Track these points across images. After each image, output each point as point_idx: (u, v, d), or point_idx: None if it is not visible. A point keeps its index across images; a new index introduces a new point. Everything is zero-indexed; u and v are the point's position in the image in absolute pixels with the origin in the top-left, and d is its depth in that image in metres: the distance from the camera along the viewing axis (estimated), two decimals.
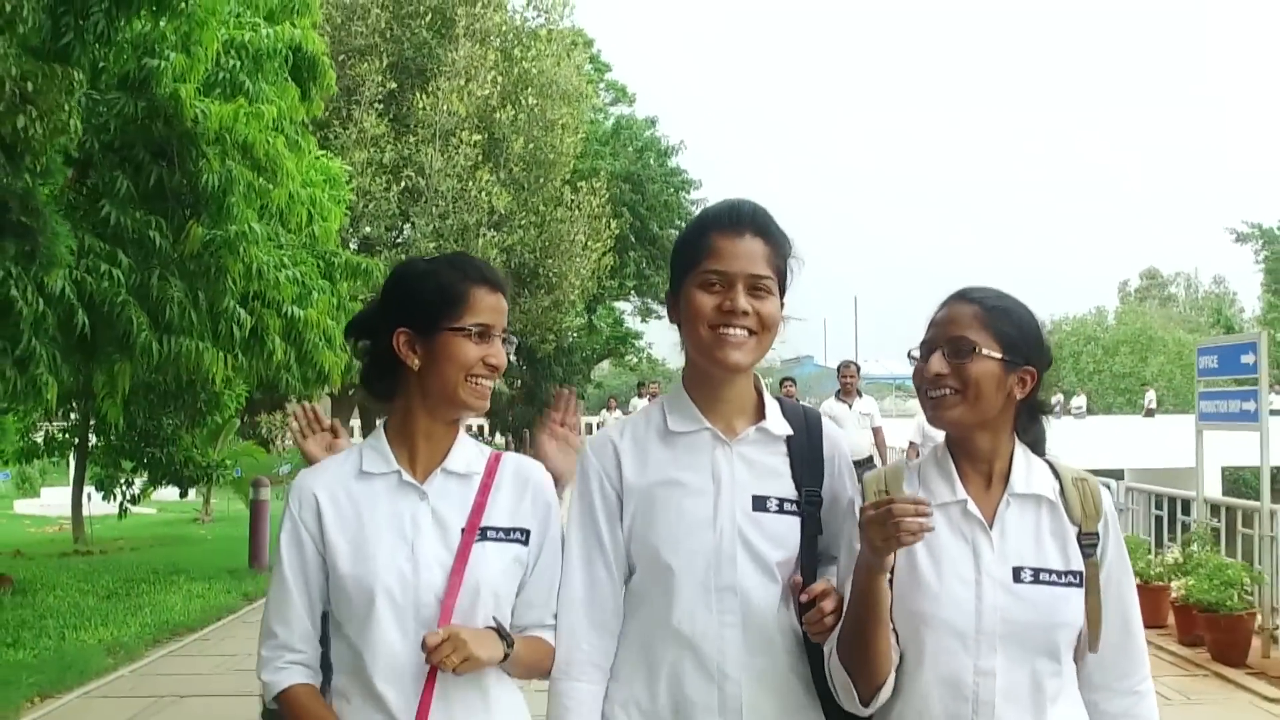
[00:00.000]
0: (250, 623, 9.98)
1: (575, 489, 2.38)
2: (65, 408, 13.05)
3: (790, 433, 2.35)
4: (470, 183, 25.19)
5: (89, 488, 15.48)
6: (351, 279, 11.45)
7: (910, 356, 2.32)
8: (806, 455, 2.34)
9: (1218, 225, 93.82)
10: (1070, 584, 2.18)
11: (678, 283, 2.32)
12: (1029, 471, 2.26)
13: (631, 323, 46.17)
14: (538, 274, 27.17)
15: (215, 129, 8.52)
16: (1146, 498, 10.58)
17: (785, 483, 2.30)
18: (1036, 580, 2.17)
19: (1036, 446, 2.32)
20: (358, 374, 8.88)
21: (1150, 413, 40.06)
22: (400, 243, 26.50)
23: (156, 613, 9.94)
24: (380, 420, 2.42)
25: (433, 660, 2.09)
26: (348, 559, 2.21)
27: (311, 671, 2.28)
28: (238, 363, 9.41)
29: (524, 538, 2.31)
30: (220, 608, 10.55)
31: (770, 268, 2.27)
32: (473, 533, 2.25)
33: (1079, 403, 43.33)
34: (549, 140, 27.09)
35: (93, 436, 14.90)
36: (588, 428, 32.72)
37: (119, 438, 14.10)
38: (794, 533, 2.26)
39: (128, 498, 15.25)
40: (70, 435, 15.34)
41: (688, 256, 2.30)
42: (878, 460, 11.87)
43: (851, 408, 12.44)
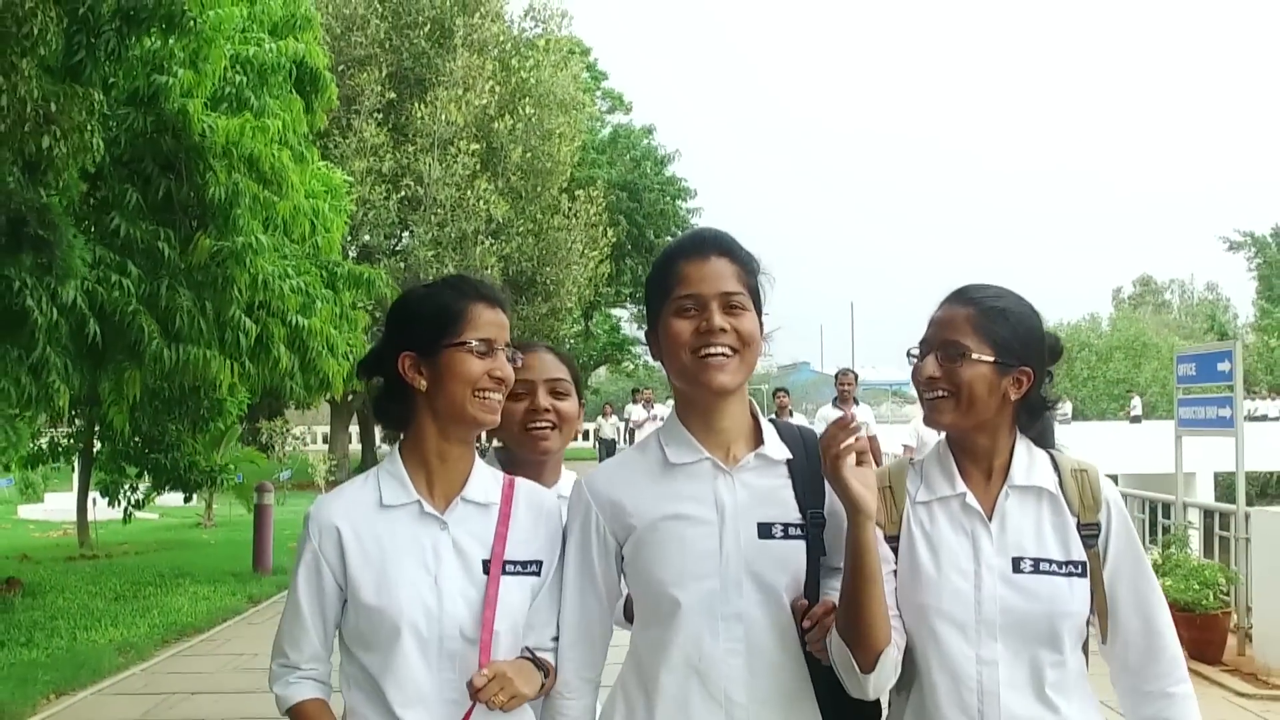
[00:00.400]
0: (256, 624, 10.28)
1: (570, 525, 2.37)
2: (70, 414, 13.25)
3: (790, 456, 2.33)
4: (468, 191, 25.45)
5: (93, 493, 15.70)
6: (354, 288, 11.68)
7: (909, 355, 2.34)
8: (807, 476, 2.31)
9: (1212, 233, 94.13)
10: (1072, 573, 2.20)
11: (654, 318, 2.33)
12: (1030, 464, 2.27)
13: (628, 329, 46.47)
14: (535, 282, 27.40)
15: (222, 143, 8.76)
16: (1128, 501, 10.76)
17: (789, 507, 2.27)
18: (1037, 570, 2.18)
19: (1041, 440, 2.33)
20: (360, 381, 9.08)
21: (1136, 419, 40.22)
22: (399, 251, 26.76)
23: (164, 614, 10.18)
24: (395, 445, 2.41)
25: (480, 699, 2.12)
26: (371, 592, 2.21)
27: (323, 686, 2.32)
28: (244, 370, 9.65)
29: (538, 569, 2.34)
30: (226, 609, 10.77)
31: (741, 284, 2.26)
32: (499, 566, 2.26)
33: (1064, 409, 43.47)
34: (546, 149, 27.34)
35: (97, 442, 15.12)
36: (584, 434, 32.87)
37: (123, 443, 14.29)
38: (800, 557, 2.24)
39: (132, 503, 15.48)
40: (75, 441, 15.55)
41: (660, 290, 2.30)
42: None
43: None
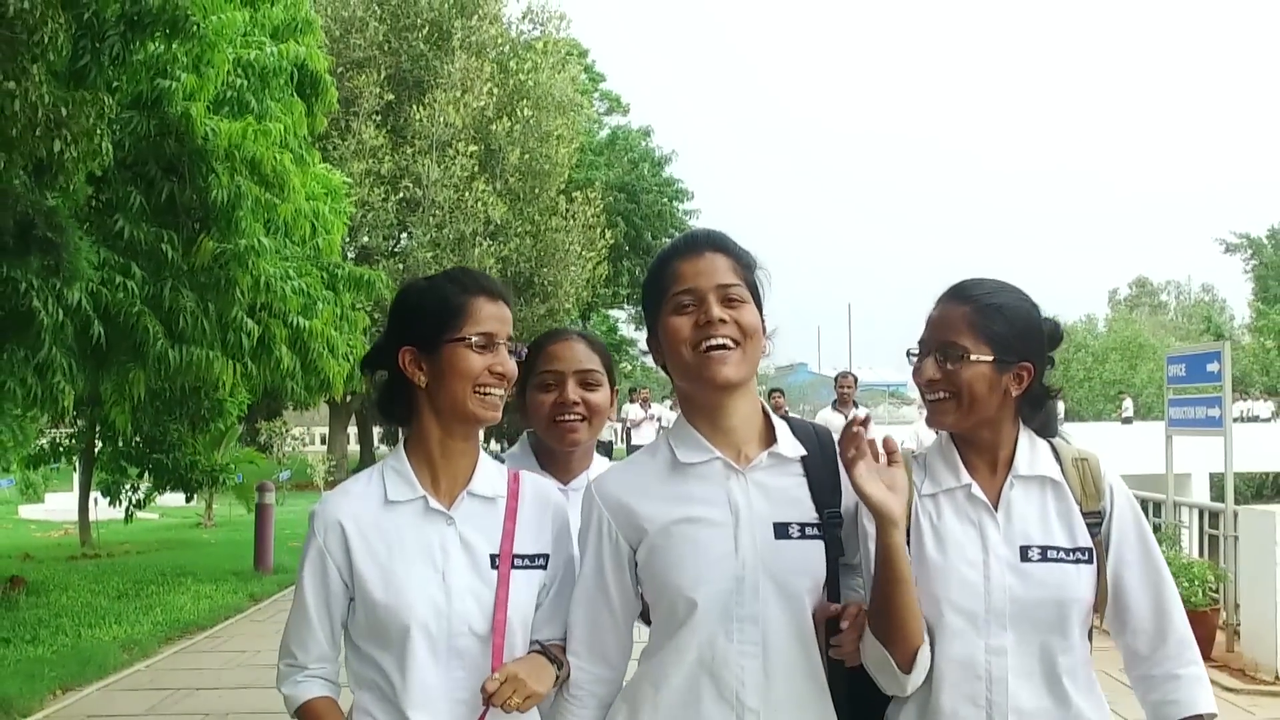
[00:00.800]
0: (258, 621, 10.38)
1: (582, 533, 2.32)
2: (72, 414, 13.36)
3: (804, 453, 2.28)
4: (467, 193, 25.56)
5: (94, 493, 15.82)
6: (354, 290, 11.79)
7: (909, 355, 2.32)
8: (822, 475, 2.27)
9: (1211, 234, 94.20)
10: (1080, 560, 2.19)
11: (653, 321, 2.29)
12: (1033, 454, 2.27)
13: (626, 330, 46.55)
14: (533, 283, 27.49)
15: (224, 146, 8.85)
16: None
17: (805, 507, 2.23)
18: (1044, 558, 2.17)
19: (1045, 429, 2.33)
20: (359, 382, 9.21)
21: (1128, 420, 40.40)
22: (398, 252, 26.87)
23: (167, 612, 10.29)
24: (400, 440, 2.40)
25: (495, 703, 2.10)
26: (379, 589, 2.19)
27: (331, 685, 2.30)
28: (246, 371, 9.77)
29: (544, 563, 2.32)
30: (228, 607, 10.87)
31: (738, 277, 2.22)
32: (508, 562, 2.24)
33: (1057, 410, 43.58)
34: (544, 151, 27.45)
35: (98, 442, 15.23)
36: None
37: (125, 444, 14.42)
38: (818, 557, 2.20)
39: (133, 503, 15.61)
40: (76, 441, 15.66)
41: (656, 291, 2.26)
42: None
43: (847, 418, 12.45)
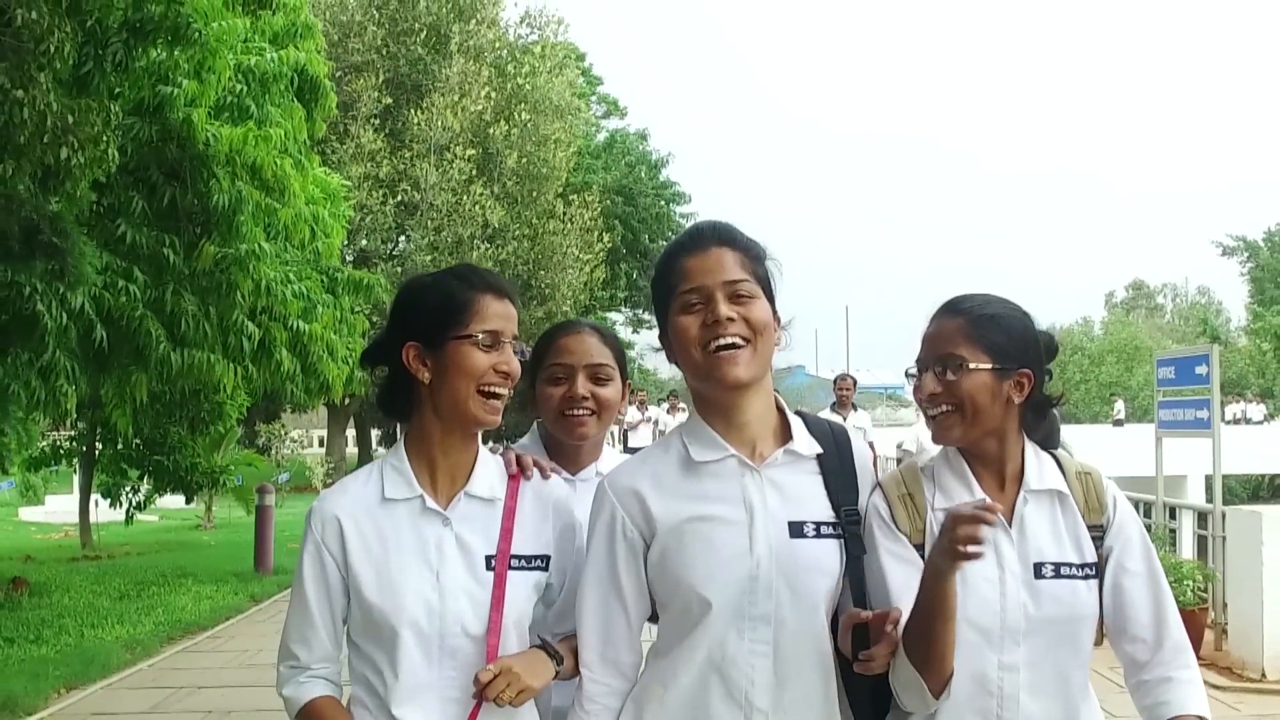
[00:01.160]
0: (258, 622, 10.48)
1: (593, 530, 2.27)
2: (72, 417, 13.47)
3: (820, 451, 2.25)
4: (465, 196, 25.66)
5: (95, 495, 15.94)
6: (353, 294, 11.91)
7: (907, 375, 2.32)
8: (839, 472, 2.24)
9: (1211, 235, 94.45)
10: (1089, 575, 2.19)
11: (663, 319, 2.24)
12: (1041, 467, 2.26)
13: (623, 333, 46.67)
14: (530, 286, 27.56)
15: (226, 151, 8.97)
16: None
17: (821, 505, 2.20)
18: (1058, 575, 2.17)
19: (1049, 440, 2.32)
20: (359, 385, 9.31)
21: (1119, 423, 40.58)
22: (396, 255, 26.97)
23: (169, 612, 10.40)
24: (400, 437, 2.38)
25: (488, 696, 2.09)
26: (373, 588, 2.18)
27: (333, 685, 2.27)
28: (246, 374, 9.88)
29: (544, 564, 2.30)
30: (229, 608, 10.99)
31: (746, 272, 2.17)
32: (505, 563, 2.22)
33: None
34: (542, 155, 27.52)
35: (99, 445, 15.35)
36: None
37: (125, 446, 14.53)
38: (835, 556, 2.17)
39: (133, 504, 15.73)
40: (77, 444, 15.78)
41: (664, 289, 2.22)
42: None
43: (846, 420, 12.30)
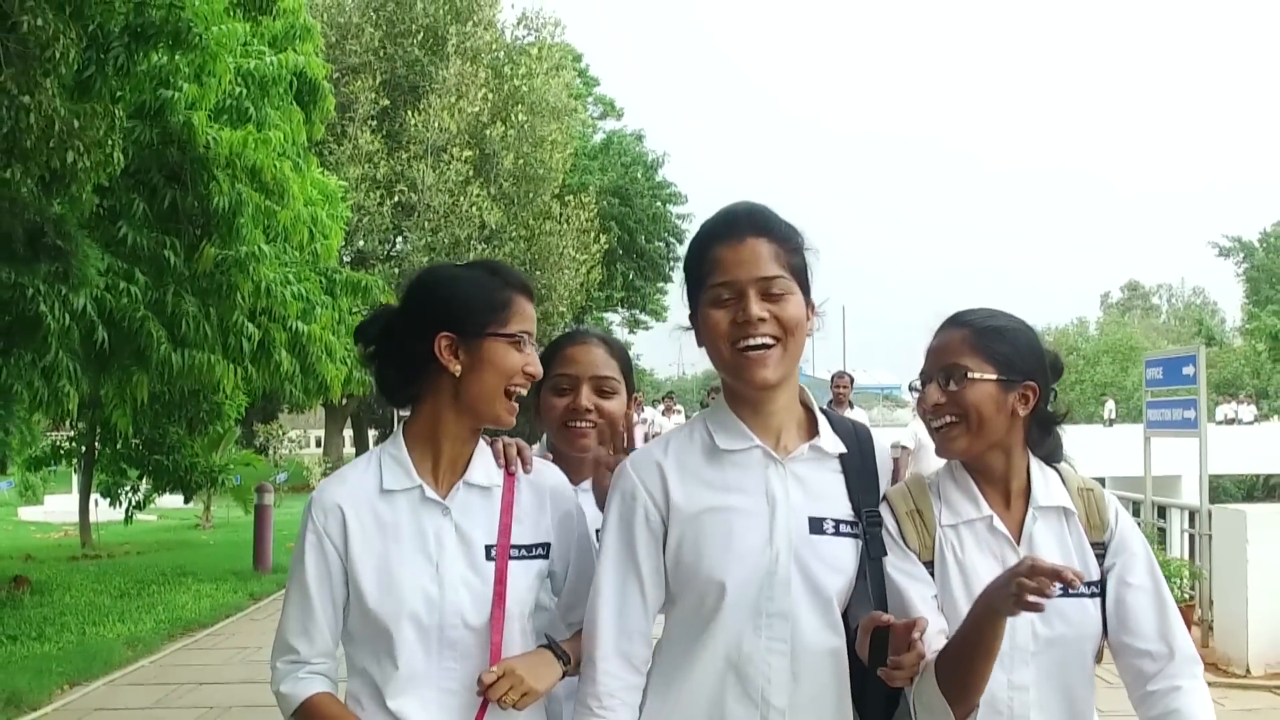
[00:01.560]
0: (258, 619, 10.58)
1: (611, 508, 2.22)
2: (74, 417, 13.57)
3: (844, 450, 2.23)
4: (461, 198, 25.76)
5: (94, 494, 16.05)
6: (351, 295, 12.02)
7: (911, 388, 2.31)
8: (861, 472, 2.22)
9: (1210, 234, 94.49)
10: (1095, 594, 2.17)
11: (694, 303, 2.20)
12: (1047, 484, 2.24)
13: (620, 334, 46.75)
14: None
15: (226, 154, 9.06)
16: None
17: (841, 503, 2.18)
18: (1066, 594, 2.05)
19: (1053, 457, 2.30)
20: (357, 385, 9.37)
21: (1110, 423, 40.79)
22: (393, 256, 27.09)
23: (169, 610, 10.52)
24: (399, 425, 2.32)
25: (491, 698, 2.08)
26: (373, 579, 2.15)
27: (331, 682, 2.22)
28: (246, 374, 9.99)
29: (545, 552, 2.28)
30: (229, 606, 11.09)
31: (781, 266, 2.12)
32: (505, 555, 2.20)
33: None
34: (538, 156, 27.59)
35: (98, 445, 15.45)
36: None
37: (125, 446, 14.63)
38: (851, 556, 2.16)
39: (133, 504, 15.85)
40: (77, 444, 15.88)
41: (695, 276, 2.18)
42: None
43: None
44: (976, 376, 2.16)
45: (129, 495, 15.76)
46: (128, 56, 7.71)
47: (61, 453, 16.18)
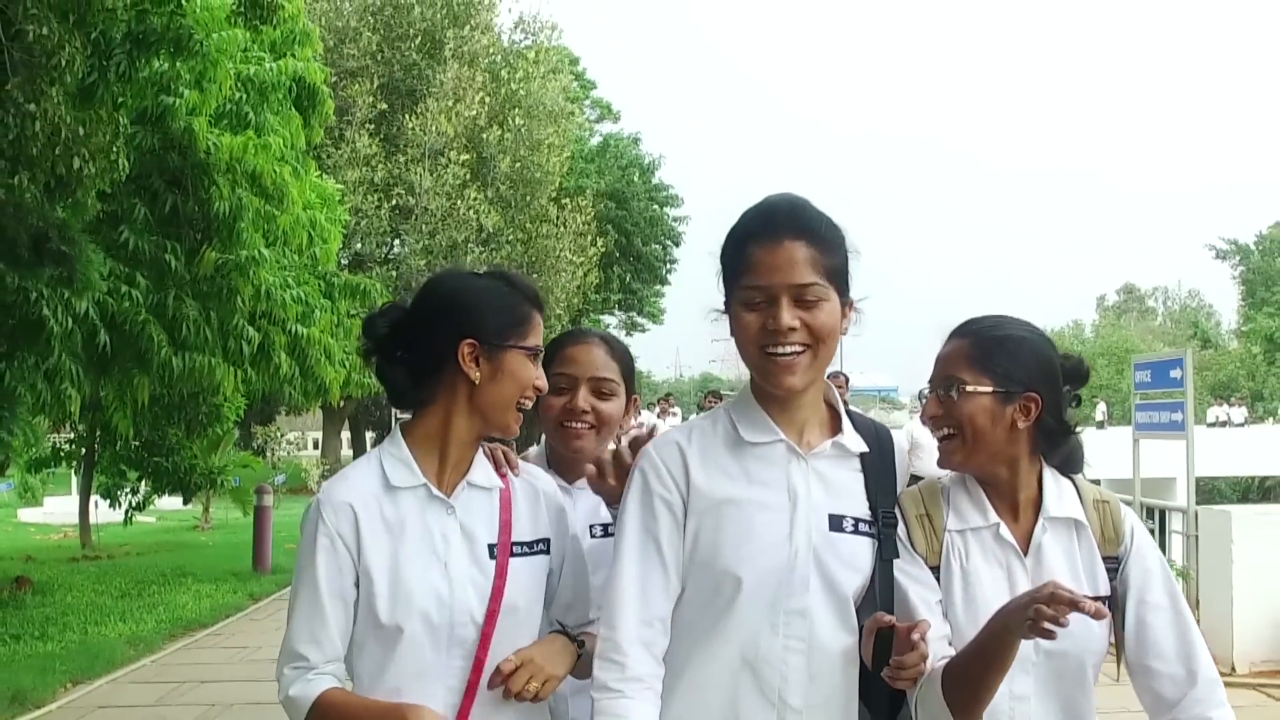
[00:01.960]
0: (257, 619, 10.69)
1: (631, 491, 2.19)
2: (75, 419, 13.67)
3: (866, 449, 2.22)
4: (459, 201, 25.84)
5: (94, 496, 16.16)
6: (350, 298, 12.12)
7: (920, 395, 2.29)
8: (880, 473, 2.22)
9: (1210, 235, 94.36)
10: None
11: (728, 295, 2.18)
12: (1060, 495, 2.20)
13: (617, 336, 46.70)
14: None
15: (226, 160, 9.18)
16: None
17: (860, 501, 2.17)
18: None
19: (1069, 465, 2.26)
20: (355, 387, 9.46)
21: (1102, 425, 40.96)
22: (391, 259, 27.18)
23: (170, 610, 10.63)
24: (397, 426, 2.31)
25: (512, 688, 2.08)
26: (384, 577, 2.13)
27: (339, 681, 2.17)
28: (246, 376, 10.10)
29: (546, 548, 2.29)
30: (229, 606, 11.21)
31: (817, 271, 2.07)
32: (505, 552, 2.20)
33: None
34: (535, 159, 27.65)
35: (98, 446, 15.55)
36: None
37: (125, 448, 14.74)
38: (867, 555, 2.14)
39: (132, 505, 15.96)
40: (77, 446, 15.99)
41: (729, 271, 2.16)
42: None
43: None
44: (971, 389, 2.15)
45: (128, 497, 15.91)
46: (129, 63, 7.80)
47: (61, 455, 16.29)
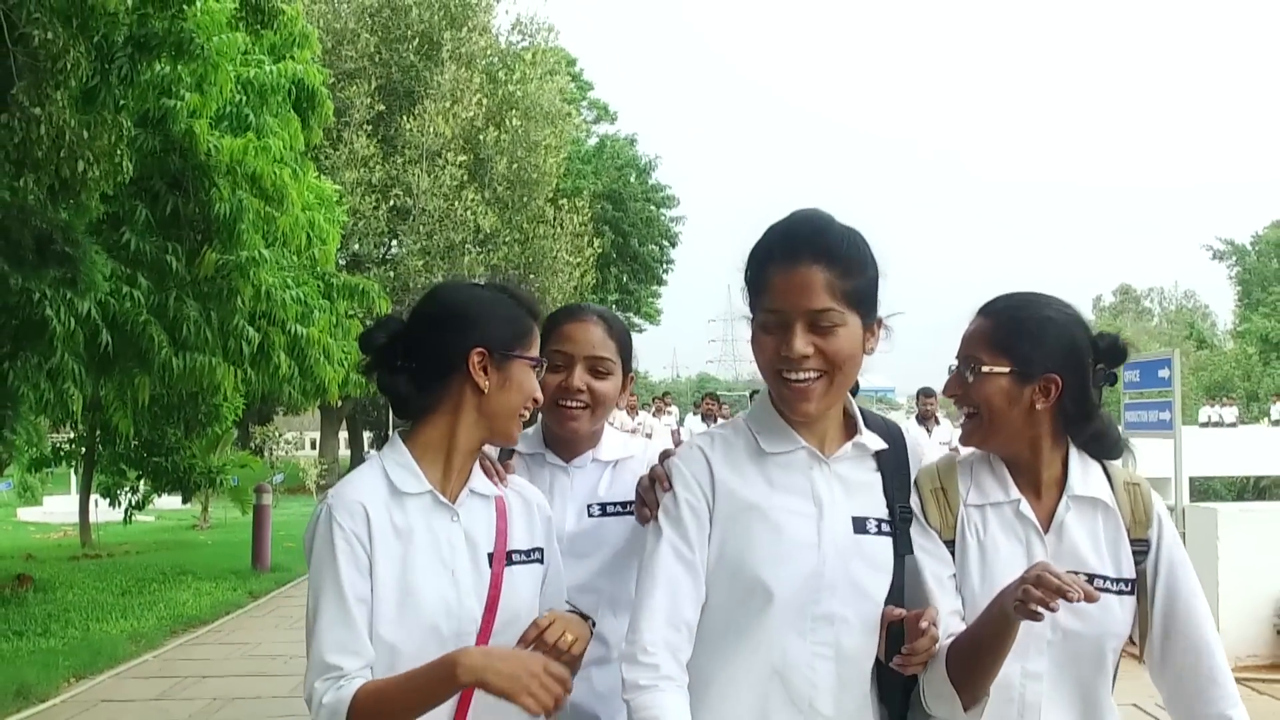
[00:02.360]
0: (257, 616, 10.78)
1: (662, 495, 2.19)
2: (77, 419, 13.77)
3: (884, 446, 2.21)
4: (456, 202, 25.95)
5: (94, 495, 16.27)
6: (348, 298, 12.23)
7: (949, 371, 2.27)
8: (895, 470, 2.21)
9: (1208, 235, 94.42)
10: (1123, 592, 2.13)
11: (751, 308, 2.17)
12: (1085, 475, 2.19)
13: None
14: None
15: (226, 162, 9.28)
16: None
17: (878, 500, 2.16)
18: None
19: (1103, 449, 2.24)
20: (354, 386, 9.55)
21: None
22: (389, 259, 27.28)
23: (170, 607, 10.73)
24: (396, 433, 2.29)
25: (548, 638, 2.06)
26: (394, 583, 2.10)
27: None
28: (245, 376, 10.21)
29: (541, 557, 2.30)
30: (228, 603, 11.29)
31: (834, 296, 2.04)
32: (501, 561, 2.21)
33: None
34: (532, 160, 27.74)
35: (98, 446, 15.66)
36: None
37: (124, 447, 14.84)
38: (888, 554, 2.13)
39: (132, 504, 16.07)
40: (77, 445, 16.09)
41: (751, 289, 2.14)
42: None
43: None
44: (988, 370, 2.15)
45: (128, 496, 16.00)
46: (131, 66, 7.90)
47: (61, 454, 16.39)
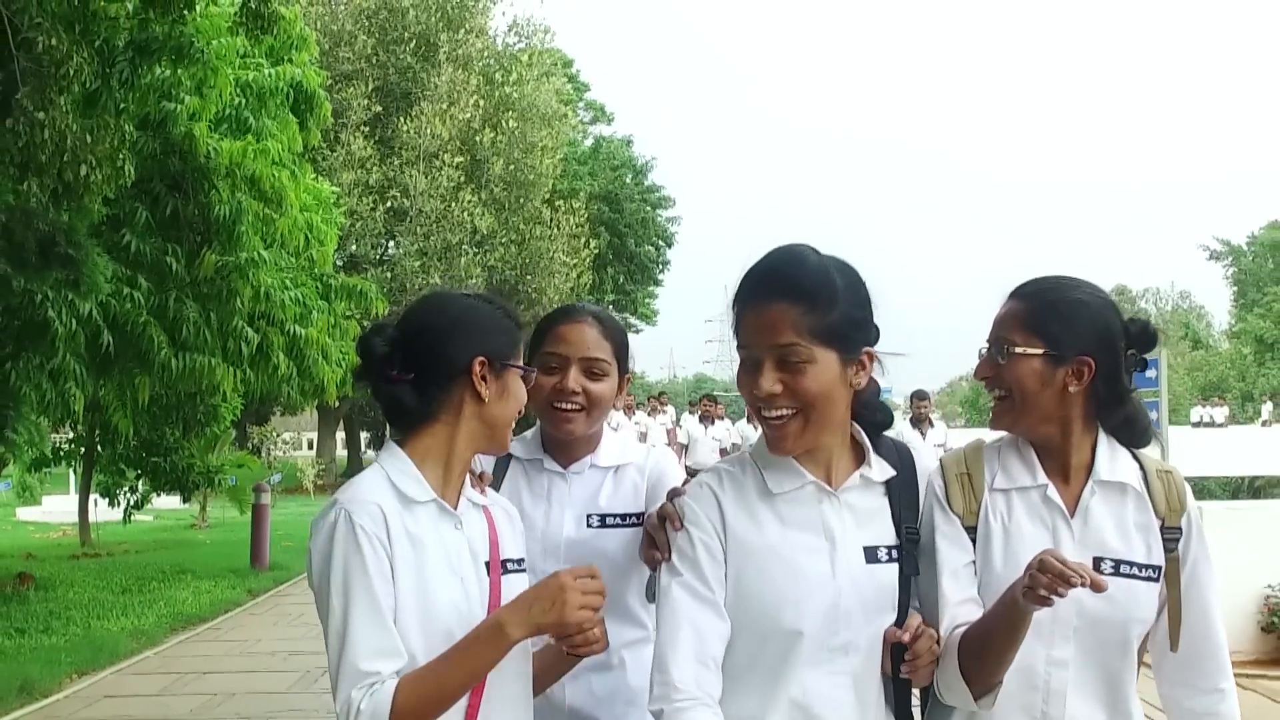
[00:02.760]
0: (256, 614, 10.88)
1: (676, 535, 2.15)
2: (78, 419, 13.85)
3: (892, 475, 2.18)
4: (453, 203, 26.08)
5: (93, 494, 16.36)
6: (346, 299, 12.32)
7: (980, 354, 2.25)
8: (903, 494, 2.19)
9: (1191, 239, 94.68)
10: (1149, 578, 2.12)
11: None
12: (1113, 460, 2.18)
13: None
14: (518, 291, 27.92)
15: (226, 164, 9.39)
16: None
17: (887, 527, 2.15)
18: (1116, 572, 2.08)
19: (1132, 436, 2.23)
20: (352, 386, 9.66)
21: None
22: (386, 260, 27.40)
23: (170, 605, 10.85)
24: (394, 442, 2.23)
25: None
26: (413, 591, 2.07)
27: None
28: (244, 377, 10.31)
29: (522, 567, 2.30)
30: (228, 601, 11.41)
31: (801, 333, 2.01)
32: (498, 569, 2.21)
33: None
34: (529, 161, 27.88)
35: (98, 445, 15.75)
36: None
37: (124, 447, 14.93)
38: (894, 579, 2.12)
39: (131, 504, 16.17)
40: (75, 445, 16.18)
41: (733, 328, 2.13)
42: None
43: None
44: (1021, 352, 2.14)
45: (127, 495, 16.10)
46: (132, 71, 8.00)
47: (60, 454, 16.48)
